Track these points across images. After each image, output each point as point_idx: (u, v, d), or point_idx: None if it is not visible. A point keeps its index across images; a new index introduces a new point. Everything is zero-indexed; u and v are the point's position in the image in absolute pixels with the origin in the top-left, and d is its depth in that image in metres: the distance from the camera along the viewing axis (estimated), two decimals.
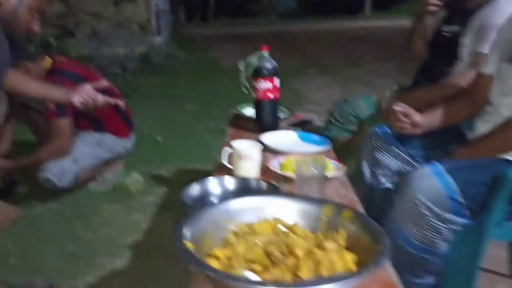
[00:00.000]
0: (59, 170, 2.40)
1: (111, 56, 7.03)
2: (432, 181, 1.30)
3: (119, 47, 7.37)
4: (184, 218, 0.99)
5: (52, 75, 2.40)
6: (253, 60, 1.97)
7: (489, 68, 1.58)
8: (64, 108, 2.40)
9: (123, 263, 2.02)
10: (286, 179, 1.52)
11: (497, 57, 1.55)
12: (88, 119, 2.62)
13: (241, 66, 2.01)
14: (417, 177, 1.33)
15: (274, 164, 1.61)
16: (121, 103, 1.91)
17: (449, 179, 1.30)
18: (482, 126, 1.52)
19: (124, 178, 2.83)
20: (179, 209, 1.03)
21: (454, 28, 2.08)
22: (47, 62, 2.46)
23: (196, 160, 3.28)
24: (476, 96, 1.61)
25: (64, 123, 2.42)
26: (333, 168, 1.55)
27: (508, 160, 1.36)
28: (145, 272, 1.94)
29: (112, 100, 1.88)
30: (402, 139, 1.73)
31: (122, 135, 2.74)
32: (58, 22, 7.40)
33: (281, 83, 1.99)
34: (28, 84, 1.82)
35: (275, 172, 1.56)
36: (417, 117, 1.60)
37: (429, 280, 1.43)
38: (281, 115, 2.17)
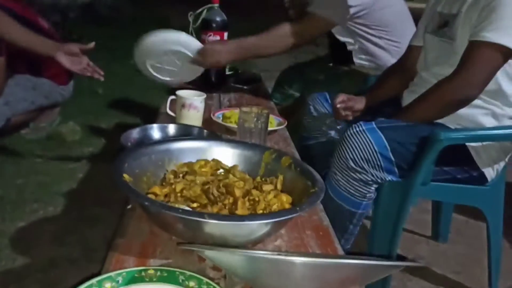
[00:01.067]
0: None
1: (51, 3, 6.62)
2: (364, 137, 1.36)
3: None
4: (124, 154, 0.98)
5: None
6: (203, 12, 1.94)
7: (417, 40, 1.65)
8: None
9: (56, 210, 1.97)
10: (228, 131, 1.53)
11: (422, 28, 1.61)
12: (26, 62, 2.48)
13: (190, 18, 1.96)
14: (351, 133, 1.38)
15: (218, 116, 1.62)
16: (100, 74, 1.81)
17: (381, 135, 1.36)
18: (409, 97, 1.57)
19: (60, 126, 2.73)
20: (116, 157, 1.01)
21: None
22: None
23: (137, 114, 3.21)
24: (408, 69, 1.68)
25: None
26: (275, 123, 1.58)
27: (436, 123, 1.44)
28: (79, 218, 1.90)
29: (97, 75, 1.77)
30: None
31: (60, 82, 2.62)
32: None
33: None
34: (12, 28, 1.66)
35: (218, 124, 1.57)
36: (358, 105, 1.69)
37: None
38: (227, 72, 2.16)
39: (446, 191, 1.49)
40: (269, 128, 1.48)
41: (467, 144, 1.41)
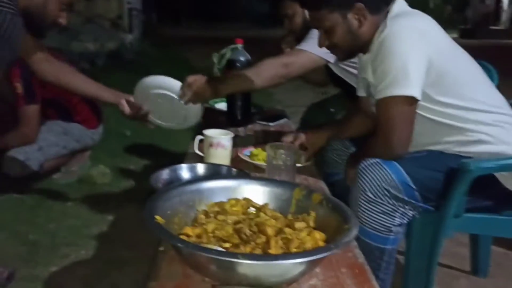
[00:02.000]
0: (23, 158, 2.34)
1: (81, 51, 6.90)
2: (382, 169, 1.34)
3: (89, 42, 7.23)
4: (155, 195, 0.98)
5: (21, 61, 2.32)
6: (227, 52, 1.98)
7: (360, 91, 1.64)
8: (33, 95, 2.35)
9: (87, 253, 1.98)
10: (257, 168, 1.53)
11: (362, 82, 1.60)
12: (57, 108, 2.57)
13: (215, 58, 2.01)
14: (365, 165, 1.36)
15: (245, 154, 1.62)
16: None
17: (398, 166, 1.34)
18: None
19: (90, 170, 2.78)
20: (146, 199, 1.02)
21: None
22: None
23: (165, 155, 3.25)
24: (366, 112, 1.65)
25: (33, 109, 2.36)
26: (303, 159, 1.57)
27: (456, 155, 1.40)
28: (110, 262, 1.90)
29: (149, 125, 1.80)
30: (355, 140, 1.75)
31: (90, 126, 2.69)
32: None
33: None
34: (79, 80, 1.75)
35: (245, 161, 1.57)
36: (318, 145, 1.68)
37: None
38: (252, 109, 2.18)
39: (481, 223, 1.44)
40: (298, 164, 1.48)
41: None
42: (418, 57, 1.30)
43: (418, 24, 1.35)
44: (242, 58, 1.95)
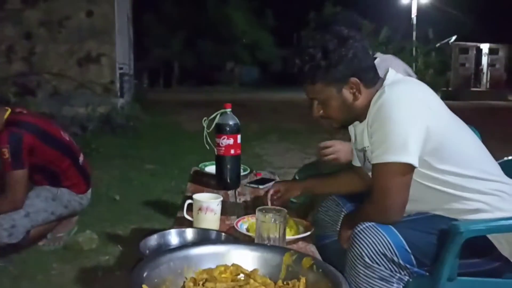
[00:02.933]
0: (10, 224, 2.29)
1: (72, 116, 6.98)
2: (378, 233, 1.33)
3: (80, 107, 7.33)
4: (142, 263, 0.97)
5: (10, 126, 2.36)
6: (216, 117, 2.02)
7: (355, 162, 1.67)
8: (20, 160, 2.34)
9: None
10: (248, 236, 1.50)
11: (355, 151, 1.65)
12: (45, 173, 2.55)
13: (204, 123, 2.04)
14: (360, 229, 1.35)
15: (241, 226, 1.57)
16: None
17: (392, 228, 1.34)
18: None
19: (77, 235, 2.72)
20: (134, 266, 1.01)
21: None
22: (5, 112, 2.41)
23: (154, 219, 3.21)
24: (361, 174, 1.66)
25: (20, 175, 2.34)
26: (301, 230, 1.54)
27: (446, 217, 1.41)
28: None
29: None
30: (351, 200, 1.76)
31: (79, 191, 2.66)
32: (19, 81, 7.34)
33: (243, 148, 2.02)
34: None
35: (241, 233, 1.52)
36: (293, 194, 1.80)
37: None
38: (242, 172, 2.19)
39: (476, 286, 1.42)
40: (296, 236, 1.47)
41: None
42: (417, 125, 1.32)
43: (418, 93, 1.38)
44: (230, 122, 1.98)
